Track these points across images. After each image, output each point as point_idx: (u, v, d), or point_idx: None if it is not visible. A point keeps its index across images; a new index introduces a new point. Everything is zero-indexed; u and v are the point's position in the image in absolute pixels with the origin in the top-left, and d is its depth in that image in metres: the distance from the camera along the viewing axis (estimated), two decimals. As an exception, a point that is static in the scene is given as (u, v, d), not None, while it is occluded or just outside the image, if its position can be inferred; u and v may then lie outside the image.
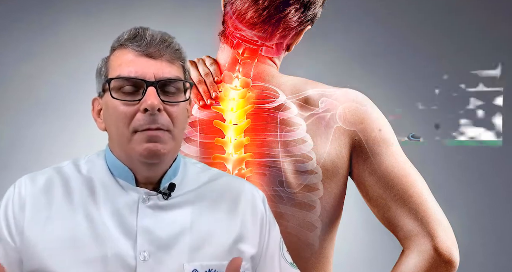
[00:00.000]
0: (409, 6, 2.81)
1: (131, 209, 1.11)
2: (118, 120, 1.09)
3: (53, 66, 2.64)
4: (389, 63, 2.77)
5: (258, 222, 1.18)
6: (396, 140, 1.43)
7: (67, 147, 2.54)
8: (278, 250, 1.21)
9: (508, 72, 2.79)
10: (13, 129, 2.61)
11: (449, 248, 1.35)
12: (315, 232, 1.39)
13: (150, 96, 1.07)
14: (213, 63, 1.45)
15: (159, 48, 1.10)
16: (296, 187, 1.36)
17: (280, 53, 1.46)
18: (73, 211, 1.10)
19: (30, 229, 1.09)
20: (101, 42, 1.55)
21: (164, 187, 1.14)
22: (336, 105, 1.41)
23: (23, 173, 1.18)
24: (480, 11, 2.82)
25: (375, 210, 1.42)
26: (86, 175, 1.15)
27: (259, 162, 1.37)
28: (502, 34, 2.80)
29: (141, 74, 1.08)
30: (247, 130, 1.38)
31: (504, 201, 2.75)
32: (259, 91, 1.41)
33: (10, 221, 1.10)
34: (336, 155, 1.39)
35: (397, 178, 1.38)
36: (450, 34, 2.80)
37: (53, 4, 2.67)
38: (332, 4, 1.53)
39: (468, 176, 2.74)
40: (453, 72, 2.78)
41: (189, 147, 1.38)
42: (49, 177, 1.14)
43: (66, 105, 2.60)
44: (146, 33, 1.11)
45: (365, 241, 2.68)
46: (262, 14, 1.40)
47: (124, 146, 1.10)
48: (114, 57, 1.12)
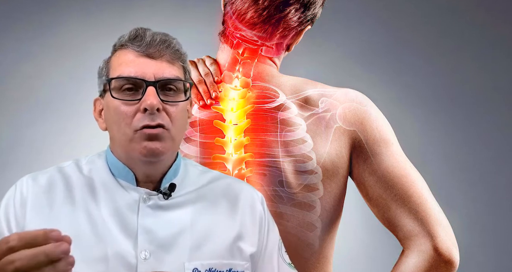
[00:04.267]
0: (409, 6, 2.81)
1: (132, 208, 1.11)
2: (118, 119, 1.10)
3: (53, 66, 2.64)
4: (389, 63, 2.77)
5: (257, 222, 1.19)
6: (396, 140, 1.43)
7: (67, 147, 2.54)
8: (277, 250, 1.22)
9: (508, 72, 2.79)
10: (13, 129, 2.61)
11: (449, 248, 1.35)
12: (315, 232, 1.39)
13: (149, 96, 1.07)
14: (213, 63, 1.45)
15: (159, 49, 1.11)
16: (296, 187, 1.36)
17: (280, 53, 1.47)
18: (74, 210, 1.11)
19: (31, 228, 1.08)
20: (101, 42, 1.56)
21: (164, 187, 1.14)
22: (336, 105, 1.41)
23: (23, 173, 1.19)
24: (480, 11, 2.82)
25: (375, 210, 1.42)
26: (87, 175, 1.16)
27: (259, 162, 1.37)
28: (502, 34, 2.81)
29: (141, 74, 1.09)
30: (247, 130, 1.38)
31: (504, 201, 2.75)
32: (259, 91, 1.41)
33: (11, 219, 1.10)
34: (336, 155, 1.39)
35: (397, 178, 1.38)
36: (450, 34, 2.80)
37: (53, 4, 2.67)
38: (332, 4, 1.53)
39: (468, 176, 2.74)
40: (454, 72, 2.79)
41: (189, 147, 1.38)
42: (51, 176, 1.15)
43: (66, 105, 2.61)
44: (146, 34, 1.12)
45: (365, 241, 2.68)
46: (262, 14, 1.40)
47: (125, 146, 1.11)
48: (115, 58, 1.14)
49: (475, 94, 2.78)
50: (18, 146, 2.59)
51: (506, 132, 2.77)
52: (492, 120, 2.77)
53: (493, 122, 2.77)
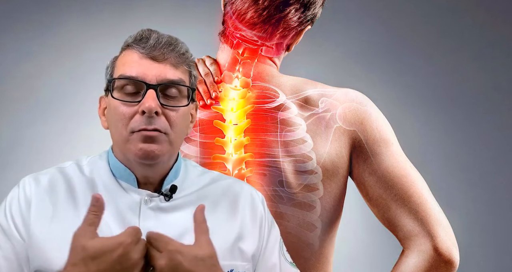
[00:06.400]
0: (409, 6, 2.81)
1: (133, 210, 1.11)
2: (117, 120, 1.10)
3: (53, 66, 2.63)
4: (389, 63, 2.77)
5: (257, 222, 1.19)
6: (396, 140, 1.43)
7: (67, 147, 2.54)
8: (278, 249, 1.22)
9: (508, 72, 2.79)
10: (13, 129, 2.61)
11: (449, 248, 1.35)
12: (315, 232, 1.39)
13: (148, 99, 1.07)
14: (213, 63, 1.45)
15: (163, 51, 1.10)
16: (296, 187, 1.36)
17: (280, 53, 1.46)
18: (76, 210, 1.11)
19: (36, 227, 1.09)
20: (101, 42, 1.56)
21: (165, 189, 1.14)
22: (336, 105, 1.41)
23: (23, 173, 1.19)
24: (480, 11, 2.82)
25: (375, 210, 1.42)
26: (89, 176, 1.15)
27: (259, 162, 1.37)
28: (502, 34, 2.80)
29: (142, 76, 1.09)
30: (247, 130, 1.38)
31: (504, 201, 2.75)
32: (259, 91, 1.41)
33: (17, 219, 1.10)
34: (336, 155, 1.39)
35: (397, 178, 1.38)
36: (450, 34, 2.80)
37: (53, 4, 2.67)
38: (332, 4, 1.53)
39: (468, 176, 2.74)
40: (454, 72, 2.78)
41: (189, 147, 1.38)
42: (52, 177, 1.15)
43: (66, 105, 2.60)
44: (152, 36, 1.11)
45: (365, 241, 2.68)
46: (262, 14, 1.40)
47: (122, 146, 1.11)
48: (120, 57, 1.14)
49: (475, 94, 2.78)
50: (18, 146, 2.58)
51: (506, 132, 2.77)
52: (492, 120, 2.77)
53: (493, 122, 2.77)
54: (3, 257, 1.09)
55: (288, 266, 1.22)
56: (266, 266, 1.19)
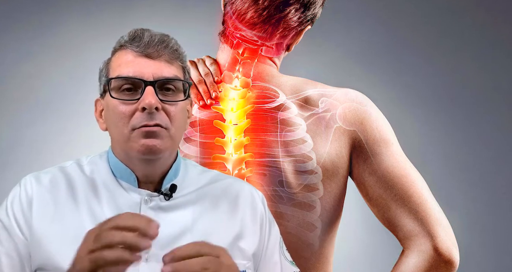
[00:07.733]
0: (409, 6, 2.81)
1: (134, 210, 1.11)
2: (117, 119, 1.10)
3: (53, 66, 2.63)
4: (389, 63, 2.77)
5: (257, 221, 1.19)
6: (396, 140, 1.43)
7: (67, 147, 2.54)
8: (278, 248, 1.22)
9: (508, 72, 2.79)
10: (13, 129, 2.61)
11: (449, 248, 1.35)
12: (315, 232, 1.39)
13: (148, 95, 1.08)
14: (213, 63, 1.45)
15: (157, 49, 1.12)
16: (296, 187, 1.36)
17: (280, 53, 1.46)
18: (77, 209, 1.12)
19: (38, 226, 1.10)
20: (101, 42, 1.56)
21: (165, 188, 1.15)
22: (336, 105, 1.41)
23: (23, 173, 1.19)
24: (480, 11, 2.81)
25: (375, 210, 1.42)
26: (89, 176, 1.16)
27: (259, 162, 1.37)
28: (502, 34, 2.80)
29: (139, 74, 1.10)
30: (247, 130, 1.38)
31: (504, 201, 2.75)
32: (259, 91, 1.41)
33: (19, 217, 1.11)
34: (336, 155, 1.39)
35: (397, 178, 1.38)
36: (450, 34, 2.80)
37: (53, 4, 2.67)
38: (332, 4, 1.53)
39: (468, 176, 2.74)
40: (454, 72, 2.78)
41: (189, 147, 1.38)
42: (53, 176, 1.16)
43: (66, 105, 2.60)
44: (145, 34, 1.13)
45: (365, 241, 2.68)
46: (262, 14, 1.40)
47: (123, 145, 1.11)
48: (114, 58, 1.15)
49: (475, 94, 2.78)
50: (18, 146, 2.58)
51: (506, 132, 2.77)
52: (492, 120, 2.77)
53: (493, 122, 2.77)
54: (6, 254, 1.10)
55: (288, 265, 1.22)
56: (268, 265, 1.19)
